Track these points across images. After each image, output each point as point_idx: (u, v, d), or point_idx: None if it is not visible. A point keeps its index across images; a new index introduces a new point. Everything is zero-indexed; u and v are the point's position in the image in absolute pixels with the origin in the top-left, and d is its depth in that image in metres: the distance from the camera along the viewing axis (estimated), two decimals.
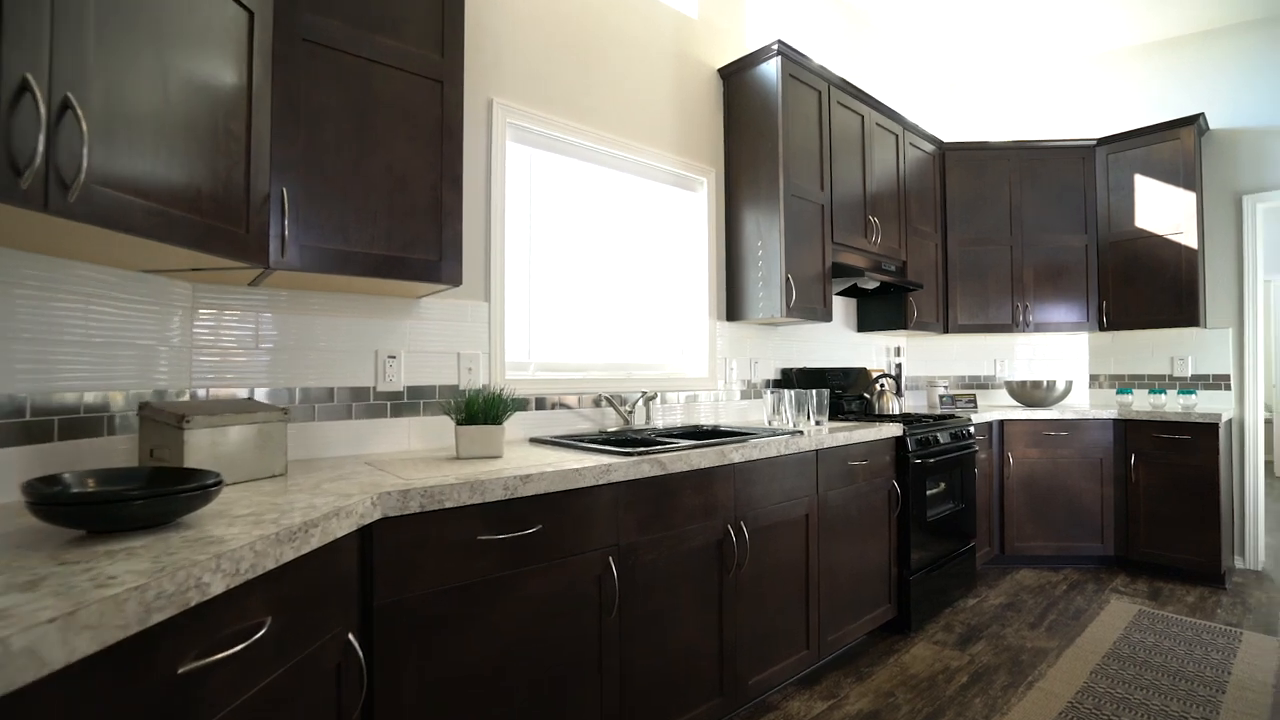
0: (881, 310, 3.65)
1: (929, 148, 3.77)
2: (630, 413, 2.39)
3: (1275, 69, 3.55)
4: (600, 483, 1.56)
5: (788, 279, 2.68)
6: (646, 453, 1.72)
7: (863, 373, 3.56)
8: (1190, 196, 3.52)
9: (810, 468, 2.23)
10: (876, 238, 3.26)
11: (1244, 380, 3.61)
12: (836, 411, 3.24)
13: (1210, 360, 3.72)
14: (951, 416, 3.18)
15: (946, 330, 3.85)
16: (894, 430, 2.64)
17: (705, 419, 2.80)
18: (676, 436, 2.42)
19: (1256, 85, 3.60)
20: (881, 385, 3.44)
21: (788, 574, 2.14)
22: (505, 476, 1.38)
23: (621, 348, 2.60)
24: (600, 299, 2.52)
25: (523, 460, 1.62)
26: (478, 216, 2.09)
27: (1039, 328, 3.82)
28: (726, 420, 2.89)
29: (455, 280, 1.66)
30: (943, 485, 2.94)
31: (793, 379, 3.15)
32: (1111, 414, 3.53)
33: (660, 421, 2.60)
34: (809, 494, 2.22)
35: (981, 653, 2.53)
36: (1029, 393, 3.80)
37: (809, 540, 2.22)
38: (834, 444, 2.30)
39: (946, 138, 4.67)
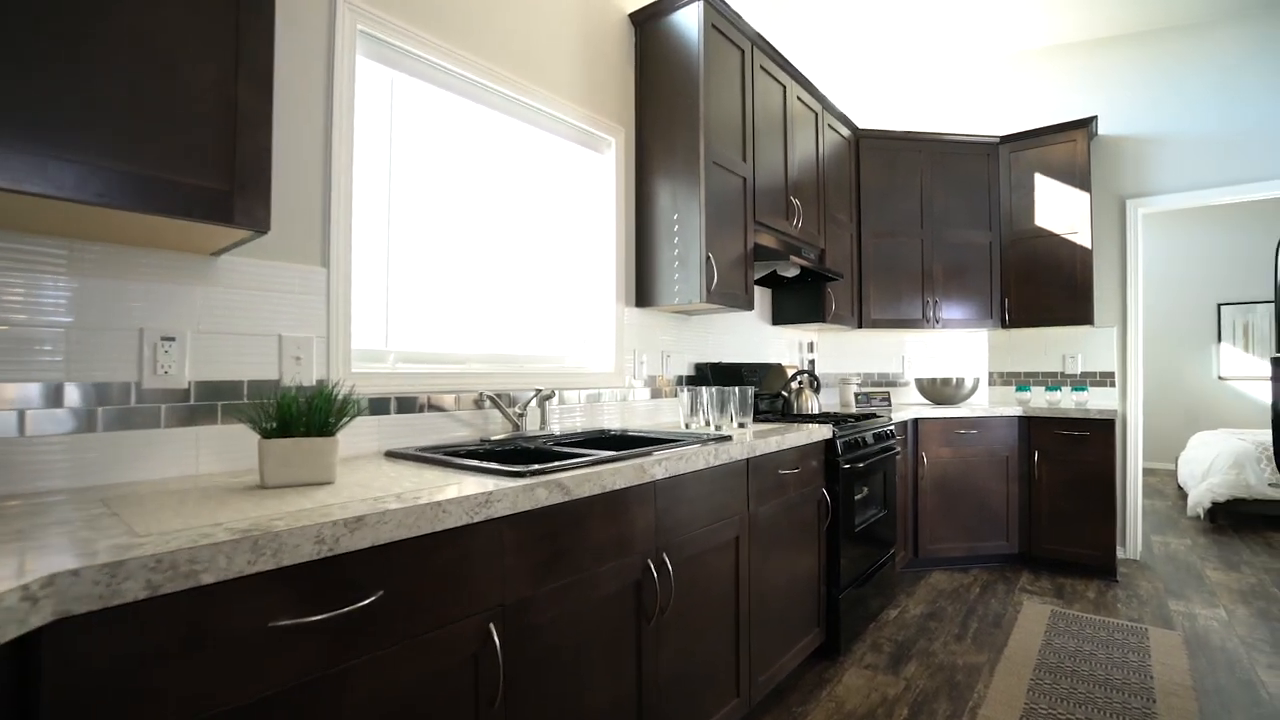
0: (797, 302, 3.41)
1: (845, 132, 3.58)
2: (521, 416, 1.91)
3: (1156, 79, 3.69)
4: (477, 519, 1.09)
5: (708, 259, 2.32)
6: (544, 472, 1.26)
7: (778, 369, 3.30)
8: (1084, 197, 3.57)
9: (741, 480, 1.87)
10: (798, 221, 2.99)
11: (1126, 378, 3.74)
12: (754, 411, 2.94)
13: (1097, 358, 3.82)
14: (873, 416, 2.98)
15: (860, 325, 3.69)
16: (824, 433, 2.35)
17: (611, 422, 2.37)
18: (579, 445, 1.97)
19: (1140, 94, 3.74)
20: (799, 382, 3.19)
21: (717, 609, 1.77)
22: (321, 523, 0.88)
23: (511, 336, 2.11)
24: (486, 274, 2.02)
25: (364, 488, 1.11)
26: (310, 149, 1.53)
27: (946, 324, 3.76)
28: (636, 423, 2.48)
29: (259, 224, 1.12)
30: (866, 490, 2.71)
31: (708, 375, 2.80)
32: (1017, 411, 3.51)
33: (557, 426, 2.15)
34: (740, 511, 1.86)
35: (916, 676, 2.30)
36: (939, 390, 3.73)
37: (739, 567, 1.86)
38: (767, 451, 1.96)
39: (860, 125, 4.57)
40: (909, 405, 3.80)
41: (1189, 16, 3.57)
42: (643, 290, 2.48)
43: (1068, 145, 3.63)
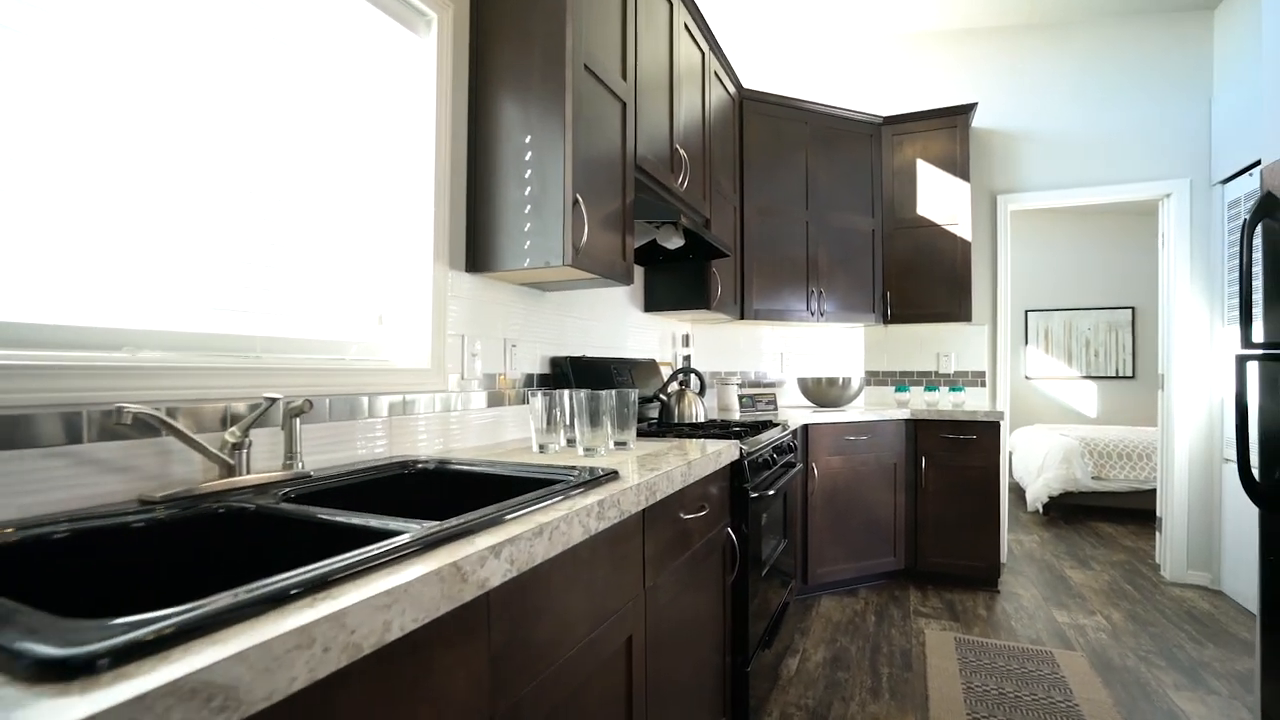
0: (676, 284, 2.80)
1: (731, 89, 3.05)
2: (239, 447, 1.04)
3: (1023, 75, 3.62)
4: None
5: (576, 204, 1.58)
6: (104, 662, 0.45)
7: (650, 366, 2.66)
8: (965, 187, 3.38)
9: (634, 544, 1.16)
10: (684, 179, 2.37)
11: (996, 377, 3.63)
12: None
13: (970, 357, 3.69)
14: (768, 424, 2.44)
15: (743, 315, 3.18)
16: (730, 452, 1.73)
17: (425, 444, 1.55)
18: (345, 497, 1.14)
19: (1009, 88, 3.65)
20: (681, 384, 2.57)
21: None
22: None
23: (245, 304, 1.21)
24: (198, 205, 1.11)
25: None
26: None
27: (830, 317, 3.39)
28: (466, 446, 1.68)
29: None
30: (766, 518, 2.16)
31: (568, 374, 2.07)
32: (904, 414, 3.21)
33: (327, 457, 1.28)
34: (633, 594, 1.15)
35: None
36: (824, 391, 3.33)
37: (632, 679, 1.15)
38: (670, 490, 1.27)
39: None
40: (793, 409, 3.38)
41: (1051, 15, 3.53)
42: (478, 248, 1.68)
43: (948, 132, 3.42)
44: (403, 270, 1.57)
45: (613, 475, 1.14)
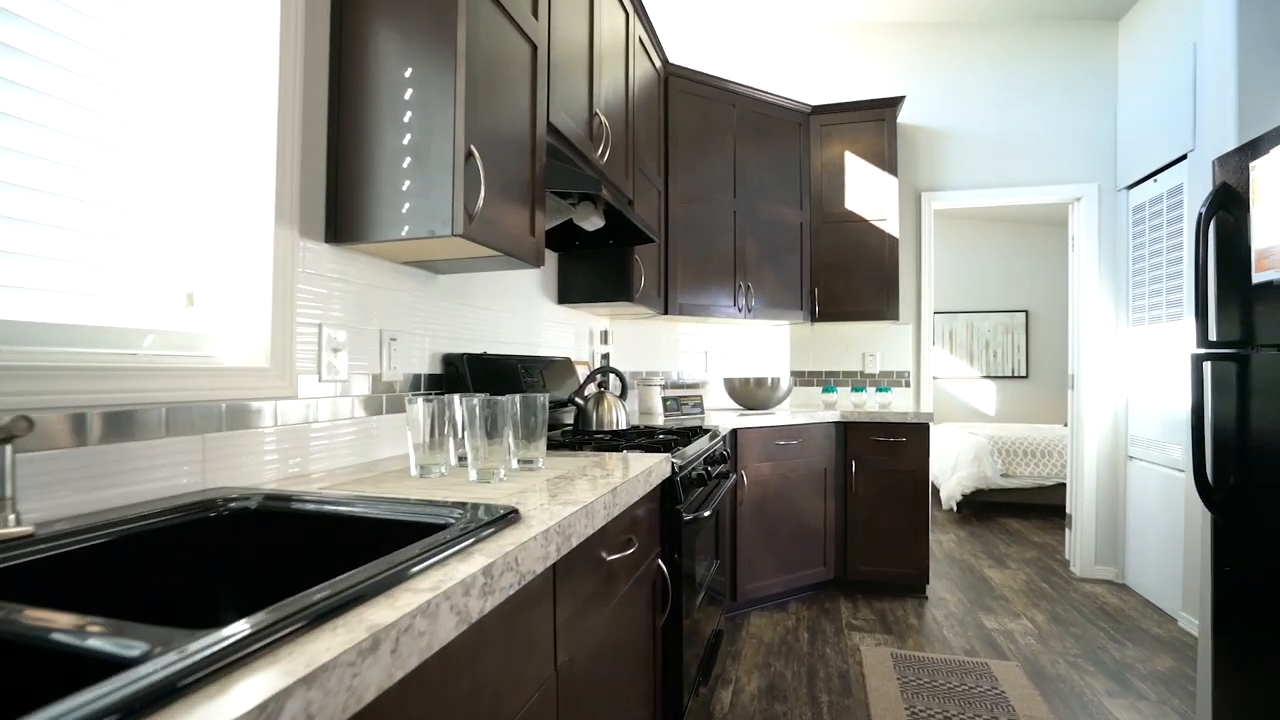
0: (593, 274, 2.49)
1: (656, 62, 2.78)
2: None
3: (948, 72, 3.60)
4: None
5: (471, 158, 1.24)
6: None
7: (565, 366, 2.35)
8: (893, 182, 3.29)
9: (544, 608, 0.84)
10: (605, 151, 2.06)
11: (920, 378, 3.58)
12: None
13: (895, 357, 3.62)
14: (697, 430, 2.19)
15: (667, 310, 2.91)
16: (662, 469, 1.44)
17: (261, 468, 1.15)
18: (87, 574, 0.75)
19: (934, 84, 3.61)
20: (600, 385, 2.27)
21: None
22: None
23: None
24: None
25: None
26: None
27: (757, 314, 3.20)
28: (323, 469, 1.29)
29: None
30: (699, 540, 1.89)
31: (464, 374, 1.71)
32: (835, 416, 3.06)
33: (90, 498, 0.88)
34: (541, 680, 0.83)
35: None
36: (752, 393, 3.13)
37: None
38: (589, 530, 0.96)
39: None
40: (719, 411, 3.16)
41: (973, 13, 3.52)
42: (343, 212, 1.30)
43: (876, 124, 3.32)
44: (228, 234, 1.17)
45: (512, 515, 0.82)
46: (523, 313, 2.21)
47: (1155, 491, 3.02)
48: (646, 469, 1.29)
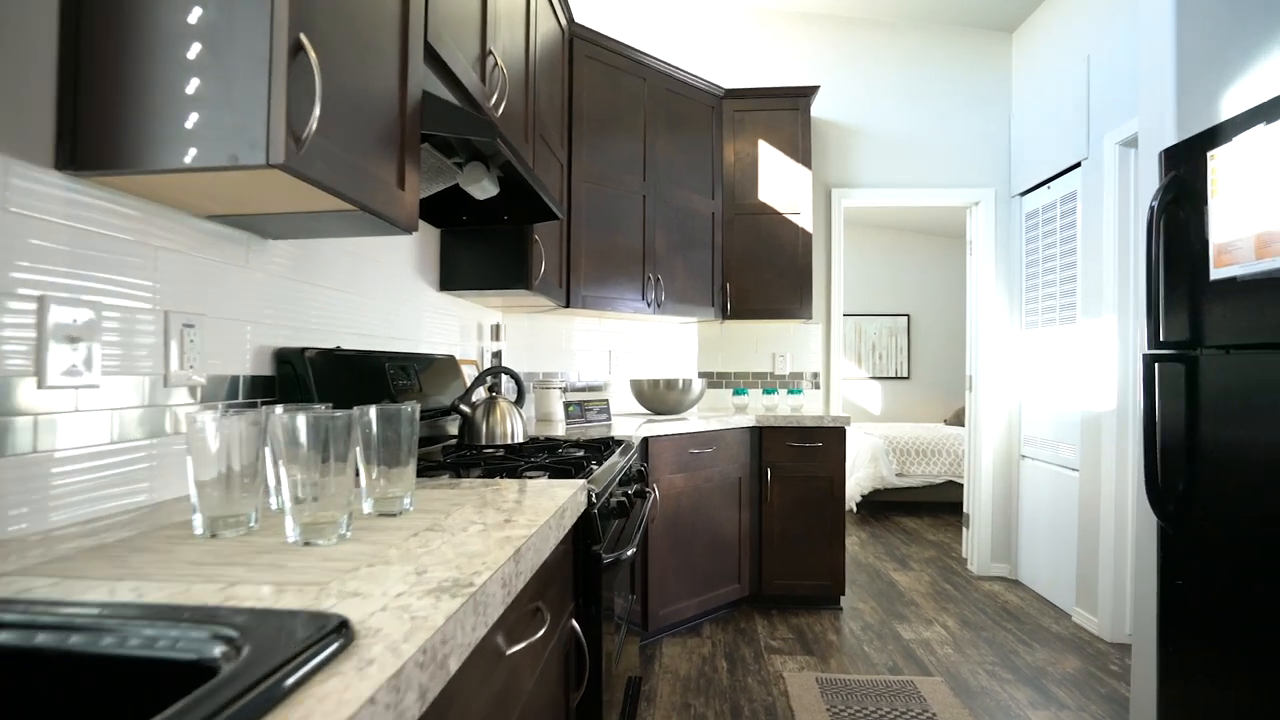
0: (484, 256, 2.09)
1: (562, 20, 2.42)
2: None
3: (859, 68, 3.53)
4: None
5: (300, 52, 0.83)
6: None
7: (447, 366, 1.94)
8: (807, 174, 3.16)
9: None
10: (500, 101, 1.68)
11: (830, 379, 3.49)
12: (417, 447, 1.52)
13: (805, 358, 3.50)
14: (612, 443, 1.86)
15: (569, 303, 2.56)
16: (577, 501, 1.09)
17: None
18: None
19: (847, 80, 3.53)
20: (491, 389, 1.88)
21: None
22: None
23: None
24: None
25: None
26: None
27: (667, 309, 2.93)
28: (47, 526, 0.82)
29: None
30: (616, 580, 1.56)
31: (305, 376, 1.26)
32: (750, 421, 2.85)
33: None
34: None
35: None
36: (662, 396, 2.85)
37: None
38: (479, 634, 0.60)
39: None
40: (626, 417, 2.85)
41: (883, 11, 3.47)
42: (89, 124, 0.83)
43: (791, 114, 3.17)
44: None
45: (337, 637, 0.44)
46: (394, 299, 1.78)
47: (1047, 490, 3.09)
48: (559, 507, 0.94)
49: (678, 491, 2.56)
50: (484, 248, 2.09)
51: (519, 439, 1.77)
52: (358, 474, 0.83)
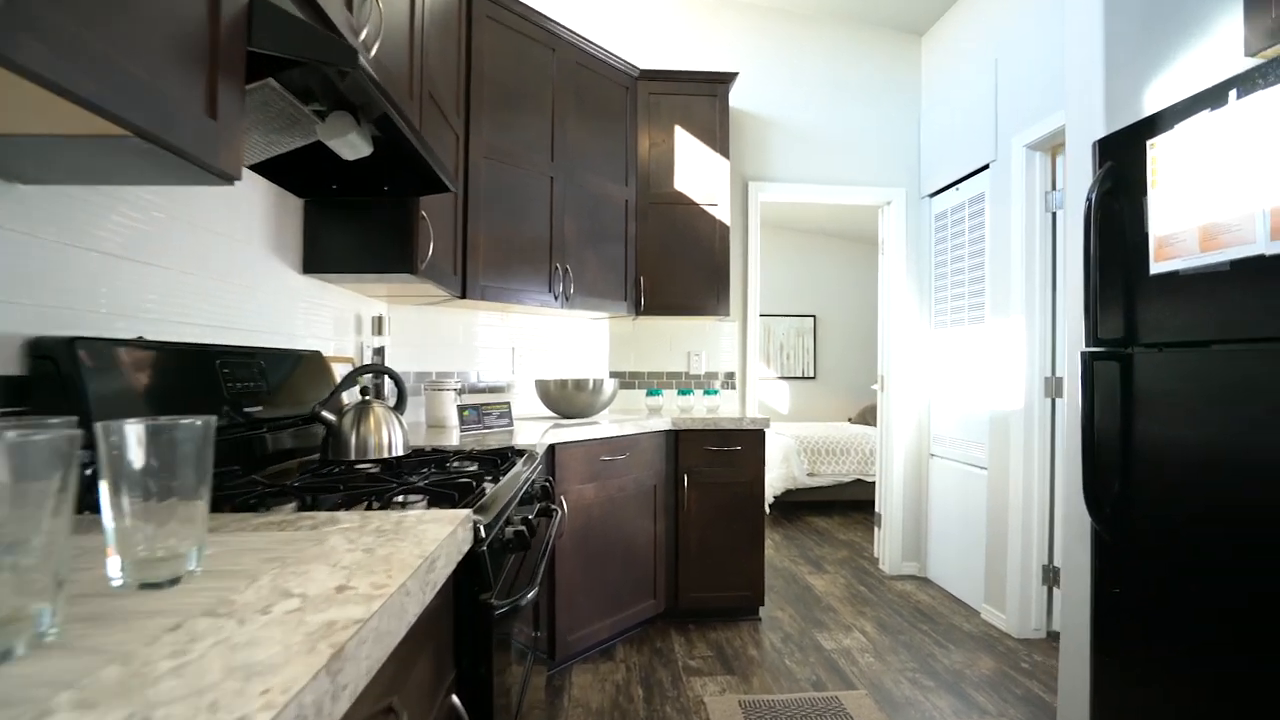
0: (358, 234, 1.76)
1: None
2: None
3: (779, 59, 3.43)
4: None
5: None
6: None
7: (314, 365, 1.60)
8: (725, 165, 3.01)
9: None
10: (376, 42, 1.37)
11: (746, 379, 3.37)
12: (249, 468, 1.20)
13: (721, 357, 3.36)
14: (512, 454, 1.59)
15: (465, 294, 2.26)
16: (459, 539, 0.83)
17: None
18: None
19: (766, 70, 3.43)
20: (365, 392, 1.56)
21: None
22: None
23: None
24: None
25: None
26: None
27: (576, 304, 2.68)
28: None
29: None
30: (516, 622, 1.30)
31: (73, 376, 0.92)
32: (666, 425, 2.66)
33: None
34: None
35: None
36: (571, 397, 2.60)
37: None
38: None
39: None
40: (531, 421, 2.57)
41: (802, 4, 3.40)
42: None
43: (709, 100, 3.01)
44: None
45: None
46: (237, 281, 1.42)
47: (954, 488, 3.12)
48: (427, 557, 0.68)
49: (588, 503, 2.32)
50: (360, 224, 1.76)
51: (399, 451, 1.47)
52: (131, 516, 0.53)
